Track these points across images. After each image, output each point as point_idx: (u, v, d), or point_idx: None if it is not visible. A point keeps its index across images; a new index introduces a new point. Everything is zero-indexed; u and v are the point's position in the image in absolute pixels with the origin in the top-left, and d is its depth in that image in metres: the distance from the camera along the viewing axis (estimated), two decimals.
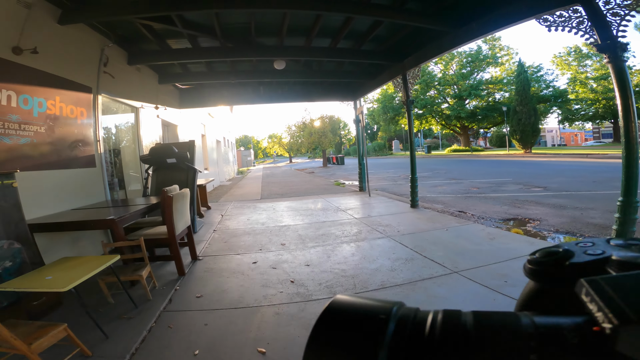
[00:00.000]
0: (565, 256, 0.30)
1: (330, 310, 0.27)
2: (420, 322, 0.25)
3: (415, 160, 6.72)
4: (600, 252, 0.29)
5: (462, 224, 5.21)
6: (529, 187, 8.78)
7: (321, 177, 17.56)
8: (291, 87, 9.35)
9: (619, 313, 0.21)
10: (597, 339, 0.22)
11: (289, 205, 7.85)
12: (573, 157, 19.82)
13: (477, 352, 0.22)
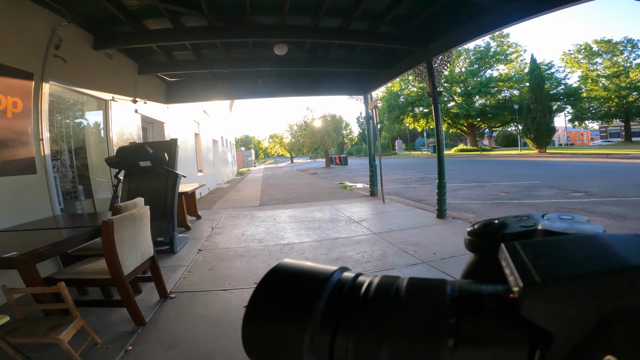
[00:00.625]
0: (499, 227, 0.31)
1: (273, 271, 0.28)
2: (358, 284, 0.26)
3: (444, 162, 5.59)
4: (532, 224, 0.30)
5: None
6: (566, 192, 7.66)
7: (325, 178, 16.46)
8: (294, 79, 8.25)
9: (525, 275, 0.20)
10: (512, 306, 0.22)
11: (291, 214, 6.75)
12: (592, 158, 18.65)
13: (402, 312, 0.23)
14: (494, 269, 0.26)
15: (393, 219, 5.65)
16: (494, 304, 0.23)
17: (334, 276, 0.27)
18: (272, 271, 0.28)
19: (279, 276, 0.27)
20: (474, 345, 0.22)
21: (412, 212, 6.18)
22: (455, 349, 0.22)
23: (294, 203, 8.26)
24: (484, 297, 0.24)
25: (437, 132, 5.56)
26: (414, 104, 34.48)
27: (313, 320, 0.24)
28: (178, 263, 4.01)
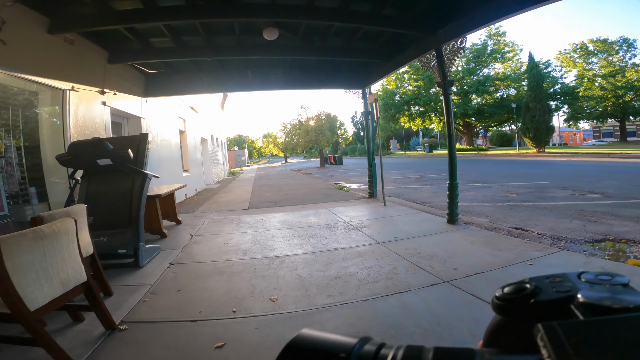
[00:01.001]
0: (532, 293, 0.29)
1: (292, 346, 0.26)
2: (381, 358, 0.25)
3: (456, 161, 4.94)
4: (567, 289, 0.28)
5: (541, 251, 3.47)
6: (582, 193, 7.08)
7: (320, 178, 15.77)
8: (286, 70, 7.54)
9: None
10: None
11: (283, 218, 6.05)
12: (594, 157, 18.25)
13: None
14: (524, 334, 0.25)
15: (398, 225, 4.98)
16: None
17: (355, 351, 0.26)
18: (289, 347, 0.27)
19: (297, 354, 0.26)
20: None
21: (418, 217, 5.52)
22: None
23: (286, 206, 7.55)
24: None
25: (448, 127, 4.90)
26: (410, 103, 33.97)
27: None
28: (140, 281, 3.30)
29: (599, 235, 4.24)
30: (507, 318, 0.28)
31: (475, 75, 32.84)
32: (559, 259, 3.28)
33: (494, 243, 3.89)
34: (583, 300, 0.25)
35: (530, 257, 3.32)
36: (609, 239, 4.10)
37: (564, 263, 3.20)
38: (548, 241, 4.09)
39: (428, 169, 16.81)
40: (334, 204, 7.33)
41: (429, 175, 13.40)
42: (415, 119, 35.27)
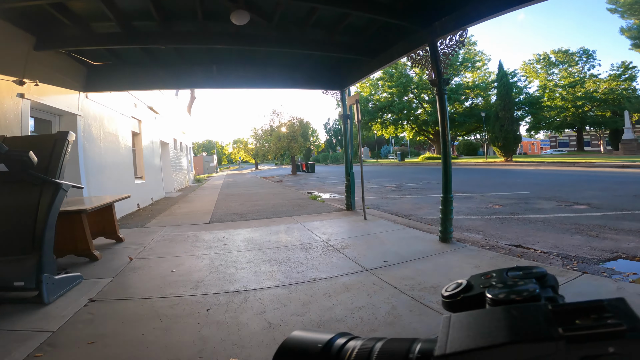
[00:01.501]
0: (463, 290, 0.34)
1: (284, 347, 0.33)
2: (346, 348, 0.31)
3: (451, 171, 4.32)
4: (488, 285, 0.33)
5: (560, 275, 2.88)
6: (567, 205, 6.78)
7: (292, 187, 14.92)
8: (258, 67, 6.72)
9: (440, 346, 0.24)
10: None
11: (249, 236, 5.16)
12: (559, 166, 18.79)
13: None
14: None
15: (385, 245, 4.26)
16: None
17: (329, 342, 0.32)
18: (281, 349, 0.33)
19: (285, 353, 0.32)
20: None
21: (405, 233, 4.85)
22: None
23: (254, 219, 6.64)
24: (431, 356, 0.26)
25: (442, 131, 4.28)
26: (383, 110, 34.02)
27: None
28: (39, 325, 2.34)
29: (609, 253, 3.80)
30: (452, 313, 0.30)
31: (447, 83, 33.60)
32: (586, 285, 2.72)
33: (499, 266, 3.17)
34: (488, 295, 0.30)
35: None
36: (622, 257, 3.67)
37: (593, 290, 2.64)
38: (558, 262, 3.59)
39: (403, 177, 16.46)
40: (309, 217, 6.52)
41: (406, 184, 12.97)
42: (388, 127, 35.39)
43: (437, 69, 4.16)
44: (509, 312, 0.25)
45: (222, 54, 6.21)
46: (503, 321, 0.24)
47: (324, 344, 0.31)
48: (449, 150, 4.32)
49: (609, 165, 16.51)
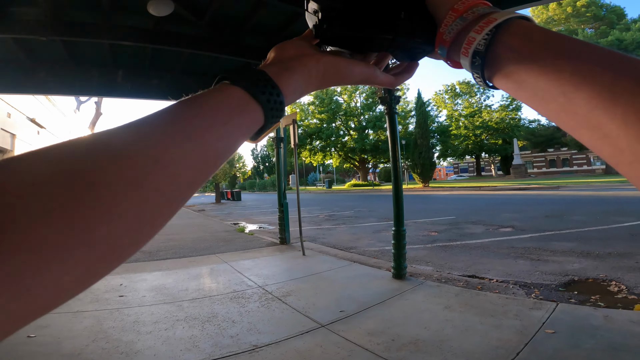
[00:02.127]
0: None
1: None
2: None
3: (402, 200, 3.92)
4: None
5: (535, 308, 2.68)
6: (494, 228, 7.06)
7: (216, 217, 13.48)
8: (178, 77, 5.73)
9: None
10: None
11: (160, 283, 3.98)
12: (469, 190, 20.83)
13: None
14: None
15: (335, 287, 3.57)
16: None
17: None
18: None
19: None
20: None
21: (353, 271, 4.24)
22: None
23: (167, 259, 5.38)
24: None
25: (392, 153, 3.89)
26: (312, 136, 34.47)
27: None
28: None
29: (561, 277, 3.80)
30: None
31: (372, 111, 35.67)
32: (569, 317, 2.45)
33: (472, 305, 2.87)
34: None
35: (538, 321, 2.50)
36: (575, 280, 3.68)
37: (579, 322, 2.33)
38: (520, 291, 3.46)
39: (334, 205, 16.28)
40: (237, 255, 5.53)
41: (338, 212, 12.67)
42: (317, 154, 35.88)
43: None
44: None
45: (131, 56, 5.11)
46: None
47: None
48: (400, 176, 3.94)
49: (508, 189, 18.80)
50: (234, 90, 0.31)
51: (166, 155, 0.24)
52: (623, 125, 0.22)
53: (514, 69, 0.30)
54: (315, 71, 0.37)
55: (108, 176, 0.21)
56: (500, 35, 0.31)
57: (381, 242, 6.30)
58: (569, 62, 0.26)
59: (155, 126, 0.26)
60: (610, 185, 18.65)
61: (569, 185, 19.60)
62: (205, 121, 0.27)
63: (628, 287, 3.32)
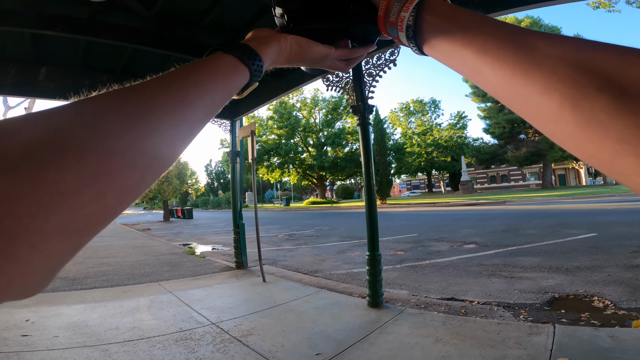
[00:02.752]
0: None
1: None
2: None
3: (377, 222, 3.53)
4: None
5: (532, 333, 2.43)
6: (458, 245, 6.99)
7: (162, 237, 12.23)
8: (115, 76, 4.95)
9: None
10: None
11: (80, 319, 3.14)
12: (425, 207, 21.40)
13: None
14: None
15: (304, 322, 3.02)
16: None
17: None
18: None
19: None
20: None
21: (322, 299, 3.73)
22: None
23: (94, 288, 4.44)
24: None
25: (365, 168, 3.50)
26: (270, 152, 33.63)
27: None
28: None
29: (541, 294, 3.66)
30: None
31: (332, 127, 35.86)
32: (575, 341, 2.20)
33: (464, 334, 2.52)
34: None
35: (544, 348, 2.23)
36: (556, 298, 3.55)
37: (589, 346, 2.08)
38: (507, 313, 3.28)
39: (292, 224, 15.67)
40: (185, 282, 4.75)
41: (298, 231, 12.09)
42: (275, 171, 35.03)
43: (361, 93, 3.48)
44: None
45: (59, 51, 4.29)
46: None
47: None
48: (374, 195, 3.55)
49: (459, 204, 19.57)
50: (229, 57, 0.39)
51: (190, 94, 0.31)
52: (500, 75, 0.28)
53: (436, 41, 0.36)
54: (285, 45, 0.46)
55: (86, 132, 0.22)
56: (421, 11, 0.37)
57: (347, 264, 5.86)
58: (472, 34, 0.31)
59: (181, 77, 0.33)
60: (549, 199, 20.27)
61: (513, 200, 20.97)
62: (211, 75, 0.35)
63: (613, 302, 3.24)
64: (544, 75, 0.25)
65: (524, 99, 0.26)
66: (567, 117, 0.23)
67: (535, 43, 0.27)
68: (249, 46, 0.42)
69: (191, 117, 0.30)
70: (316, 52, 0.48)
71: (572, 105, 0.23)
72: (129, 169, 0.22)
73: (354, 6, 0.45)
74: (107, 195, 0.21)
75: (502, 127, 36.54)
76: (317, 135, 35.44)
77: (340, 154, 35.48)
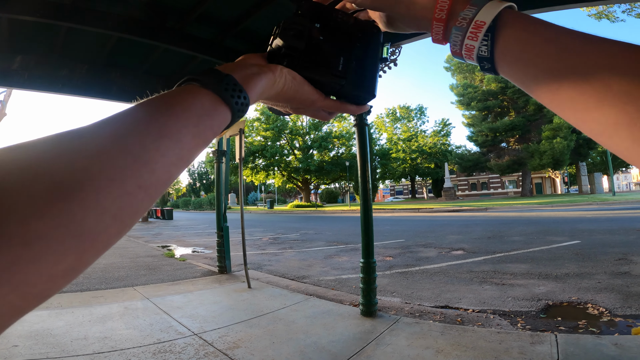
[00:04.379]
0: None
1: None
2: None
3: (372, 227, 3.36)
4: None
5: (536, 342, 2.25)
6: (446, 251, 6.94)
7: (140, 238, 11.72)
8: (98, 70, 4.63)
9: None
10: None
11: (44, 326, 2.82)
12: (410, 212, 21.51)
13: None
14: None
15: (294, 332, 2.81)
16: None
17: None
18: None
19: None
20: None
21: (312, 307, 3.53)
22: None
23: (62, 292, 4.08)
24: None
25: (362, 172, 3.34)
26: (255, 154, 33.11)
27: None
28: None
29: (534, 302, 3.61)
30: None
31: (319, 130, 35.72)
32: (580, 350, 2.16)
33: (465, 345, 2.40)
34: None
35: (550, 358, 2.17)
36: (551, 305, 3.49)
37: (595, 355, 1.96)
38: (503, 321, 3.22)
39: (277, 227, 15.38)
40: (163, 287, 4.44)
41: (283, 235, 11.83)
42: (259, 173, 34.50)
43: None
44: None
45: (36, 38, 3.95)
46: None
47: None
48: (370, 198, 3.38)
49: (443, 210, 19.78)
50: (205, 93, 0.32)
51: (145, 153, 0.25)
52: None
53: (524, 71, 0.30)
54: (279, 79, 0.39)
55: (90, 174, 0.22)
56: (497, 40, 0.32)
57: (336, 270, 5.69)
58: (569, 62, 0.27)
59: (131, 125, 0.27)
60: (529, 206, 20.78)
61: (495, 207, 21.38)
62: (180, 121, 0.29)
63: (608, 309, 3.22)
64: (596, 89, 0.24)
65: (573, 112, 0.26)
66: (623, 133, 0.23)
67: (584, 50, 0.26)
68: (232, 78, 0.34)
69: (148, 181, 0.25)
70: (307, 94, 0.43)
71: (628, 122, 0.22)
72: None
73: (357, 64, 0.43)
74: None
75: (485, 135, 37.42)
76: (304, 138, 35.24)
77: (326, 157, 35.35)
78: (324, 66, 0.42)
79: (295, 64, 0.41)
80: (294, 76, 0.41)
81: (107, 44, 4.18)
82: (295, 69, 0.41)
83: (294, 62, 0.41)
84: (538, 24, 0.30)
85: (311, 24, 0.42)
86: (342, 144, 36.49)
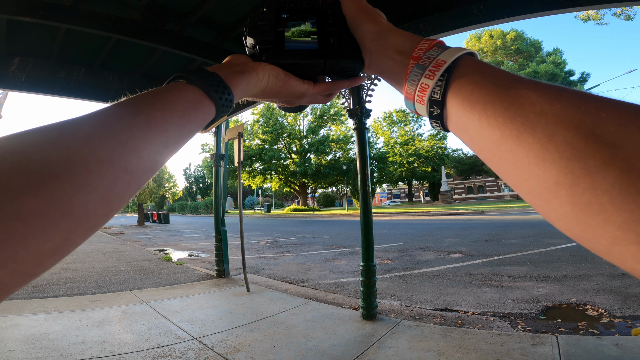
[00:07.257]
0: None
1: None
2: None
3: (372, 230, 3.37)
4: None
5: (537, 344, 2.16)
6: (444, 254, 6.95)
7: (136, 242, 11.61)
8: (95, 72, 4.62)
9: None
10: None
11: (41, 330, 2.78)
12: (407, 216, 21.54)
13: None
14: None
15: (295, 336, 2.80)
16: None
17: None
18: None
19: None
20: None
21: (312, 311, 3.51)
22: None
23: (58, 296, 4.03)
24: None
25: (362, 175, 3.37)
26: (253, 158, 33.04)
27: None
28: None
29: (534, 304, 3.62)
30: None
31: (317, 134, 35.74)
32: (581, 351, 2.05)
33: (467, 347, 2.40)
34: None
35: (549, 358, 2.06)
36: (550, 307, 3.51)
37: (597, 356, 1.97)
38: (504, 323, 3.23)
39: (274, 231, 15.34)
40: (162, 291, 4.41)
41: (280, 239, 11.80)
42: (257, 177, 34.41)
43: (358, 97, 3.35)
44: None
45: (34, 40, 3.93)
46: None
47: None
48: (370, 201, 3.40)
49: (440, 214, 19.82)
50: (191, 88, 0.34)
51: (132, 140, 0.27)
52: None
53: (469, 116, 0.28)
54: (262, 76, 0.41)
55: (81, 155, 0.23)
56: (452, 80, 0.30)
57: (334, 273, 5.67)
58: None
59: (120, 115, 0.28)
60: (525, 210, 20.87)
61: (491, 210, 21.47)
62: (166, 113, 0.31)
63: (607, 311, 3.24)
64: (538, 140, 0.21)
65: (513, 168, 0.23)
66: (562, 196, 0.20)
67: (528, 96, 0.24)
68: (217, 75, 0.37)
69: (135, 166, 0.27)
70: (293, 88, 0.44)
71: (570, 183, 0.19)
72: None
73: (334, 39, 0.43)
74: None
75: None
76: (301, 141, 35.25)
77: (323, 161, 35.34)
78: (301, 50, 0.43)
79: (273, 55, 0.42)
80: (277, 72, 0.42)
81: (106, 46, 4.17)
82: (276, 60, 0.42)
83: (271, 55, 0.42)
84: (496, 71, 0.29)
85: (278, 15, 0.43)
86: (340, 148, 36.52)
